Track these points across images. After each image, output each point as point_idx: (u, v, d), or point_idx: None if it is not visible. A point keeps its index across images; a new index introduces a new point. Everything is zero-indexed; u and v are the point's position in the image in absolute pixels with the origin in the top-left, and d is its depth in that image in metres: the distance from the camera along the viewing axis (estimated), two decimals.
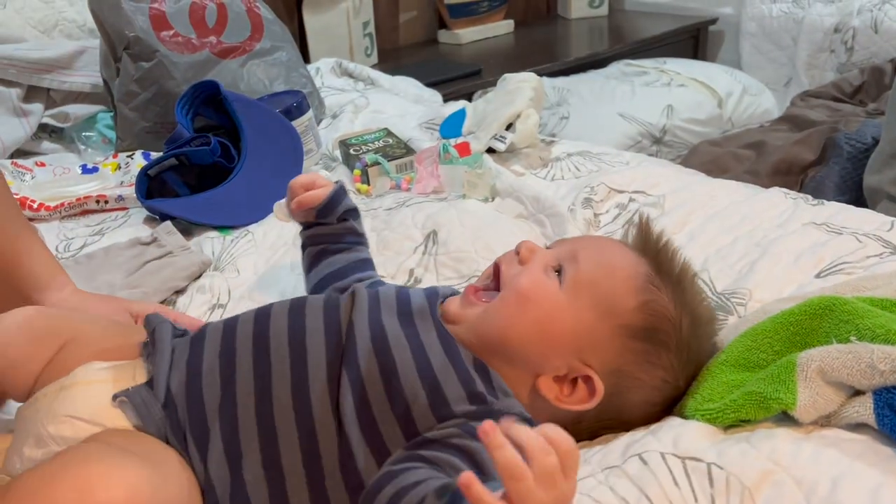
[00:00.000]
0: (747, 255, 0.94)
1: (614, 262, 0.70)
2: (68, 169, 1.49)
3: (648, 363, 0.67)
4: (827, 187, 1.69)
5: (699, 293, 0.73)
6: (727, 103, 2.38)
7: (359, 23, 2.54)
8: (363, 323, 0.67)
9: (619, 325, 0.67)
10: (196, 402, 0.65)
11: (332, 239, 0.90)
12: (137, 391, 0.66)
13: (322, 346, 0.66)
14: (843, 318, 0.68)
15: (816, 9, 2.54)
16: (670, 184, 1.17)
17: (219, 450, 0.63)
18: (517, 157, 1.38)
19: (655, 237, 0.74)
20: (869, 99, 2.11)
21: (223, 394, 0.65)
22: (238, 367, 0.66)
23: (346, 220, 0.90)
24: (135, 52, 1.53)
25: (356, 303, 0.70)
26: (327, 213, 0.89)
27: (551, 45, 2.88)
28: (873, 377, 0.61)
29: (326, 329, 0.67)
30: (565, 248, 0.73)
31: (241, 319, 0.71)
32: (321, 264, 0.88)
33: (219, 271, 1.10)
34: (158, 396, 0.66)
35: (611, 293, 0.68)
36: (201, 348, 0.68)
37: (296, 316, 0.69)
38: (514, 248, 0.73)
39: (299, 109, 1.44)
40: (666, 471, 0.60)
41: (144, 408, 0.65)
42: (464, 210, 1.13)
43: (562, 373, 0.66)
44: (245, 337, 0.68)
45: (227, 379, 0.65)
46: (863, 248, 0.91)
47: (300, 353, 0.65)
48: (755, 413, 0.63)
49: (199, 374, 0.66)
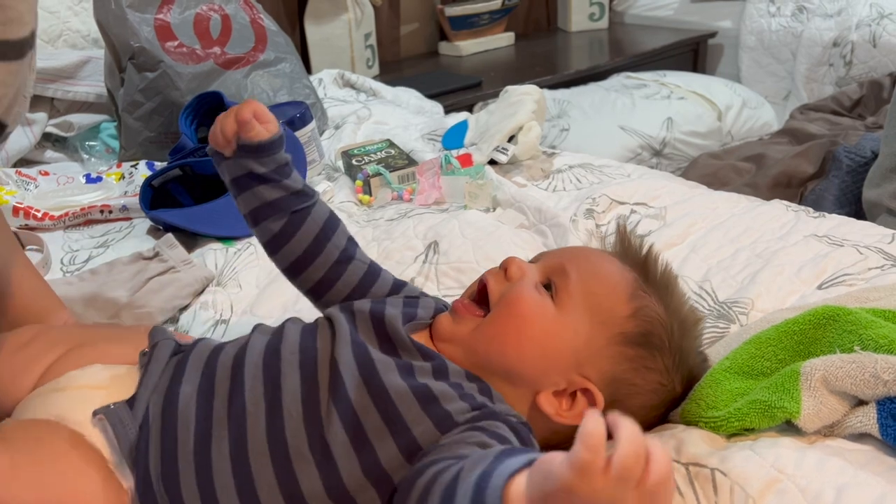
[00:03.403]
0: (749, 266, 0.95)
1: (603, 272, 0.71)
2: (72, 178, 1.50)
3: (644, 368, 0.67)
4: (826, 200, 1.70)
5: (683, 296, 0.74)
6: (727, 116, 2.40)
7: (360, 34, 2.55)
8: (347, 354, 0.66)
9: (615, 334, 0.67)
10: (169, 437, 0.63)
11: (287, 203, 0.78)
12: (117, 410, 0.65)
13: (298, 385, 0.64)
14: (847, 328, 0.68)
15: (815, 23, 2.56)
16: (672, 196, 1.18)
17: (192, 491, 0.61)
18: (519, 168, 1.39)
19: (637, 244, 0.75)
20: (868, 113, 2.13)
21: (196, 436, 0.63)
22: (214, 409, 0.64)
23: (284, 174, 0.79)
24: (139, 62, 1.54)
25: (337, 334, 0.68)
26: (271, 151, 0.77)
27: (552, 57, 2.90)
28: (877, 387, 0.62)
29: (302, 365, 0.66)
30: (551, 261, 0.73)
31: (224, 352, 0.69)
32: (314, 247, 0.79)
33: (221, 286, 1.10)
34: (137, 417, 0.65)
35: (604, 303, 0.68)
36: (181, 378, 0.67)
37: (272, 351, 0.68)
38: (499, 265, 0.73)
39: (302, 120, 1.44)
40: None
41: (121, 427, 0.64)
42: (465, 221, 1.13)
43: (561, 387, 0.66)
44: (224, 374, 0.66)
45: (202, 420, 0.64)
46: (864, 261, 0.91)
47: (275, 393, 0.64)
48: (759, 422, 0.64)
49: (175, 409, 0.65)
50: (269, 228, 0.78)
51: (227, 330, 1.00)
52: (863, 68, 2.42)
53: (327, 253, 0.78)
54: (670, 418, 0.71)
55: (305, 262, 0.78)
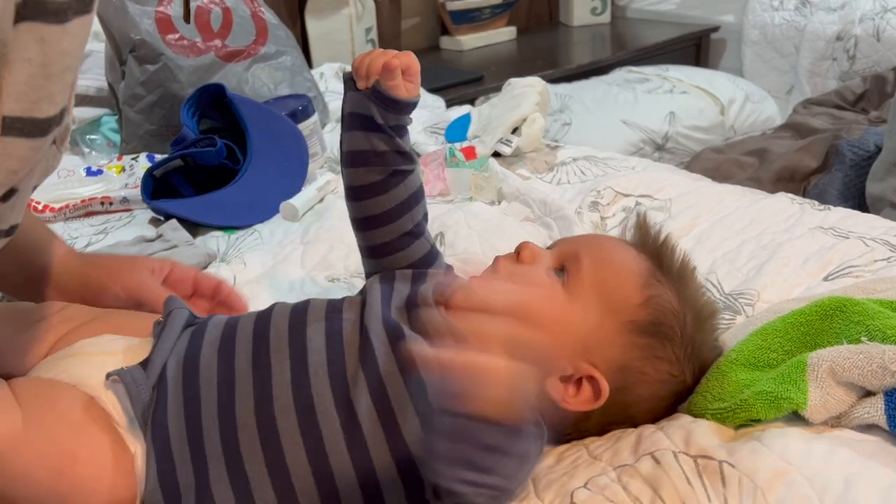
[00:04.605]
0: (755, 258, 0.94)
1: (617, 260, 0.70)
2: (73, 171, 1.49)
3: (654, 357, 0.67)
4: (830, 194, 1.69)
5: (700, 287, 0.73)
6: (729, 110, 2.39)
7: (361, 29, 2.55)
8: (377, 322, 0.67)
9: (625, 322, 0.67)
10: (192, 395, 0.64)
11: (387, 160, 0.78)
12: (130, 371, 0.65)
13: (323, 347, 0.65)
14: (854, 319, 0.68)
15: (819, 17, 2.55)
16: (677, 188, 1.17)
17: (216, 449, 0.62)
18: (523, 161, 1.38)
19: (654, 233, 0.74)
20: (871, 107, 2.12)
21: (219, 394, 0.64)
22: (237, 367, 0.65)
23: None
24: (140, 55, 1.53)
25: (368, 302, 0.70)
26: (400, 111, 0.77)
27: (553, 51, 2.89)
28: (884, 378, 0.61)
29: (329, 331, 0.67)
30: (566, 247, 0.73)
31: (243, 319, 0.70)
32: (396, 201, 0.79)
33: (225, 263, 1.10)
34: (151, 377, 0.65)
35: (615, 291, 0.68)
36: (200, 341, 0.68)
37: (297, 317, 0.69)
38: (514, 250, 0.73)
39: (304, 113, 1.44)
40: (679, 470, 0.60)
41: (135, 387, 0.64)
42: (470, 212, 1.13)
43: (567, 373, 0.66)
44: (245, 336, 0.67)
45: (225, 378, 0.64)
46: (870, 252, 0.91)
47: (301, 353, 0.65)
48: (766, 413, 0.63)
49: (197, 369, 0.65)
50: (363, 175, 0.78)
51: None
52: (866, 62, 2.41)
53: (402, 221, 0.79)
54: (679, 410, 0.70)
55: (380, 222, 0.79)
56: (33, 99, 0.48)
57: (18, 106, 0.47)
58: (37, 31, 0.46)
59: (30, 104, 0.48)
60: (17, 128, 0.48)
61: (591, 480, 0.62)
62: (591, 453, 0.66)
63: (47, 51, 0.47)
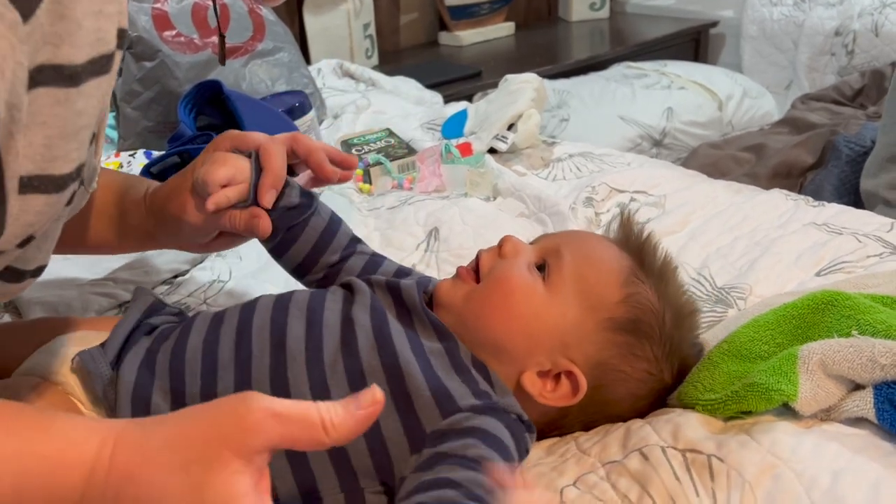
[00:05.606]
0: (748, 254, 0.95)
1: (598, 257, 0.70)
2: None
3: (632, 355, 0.67)
4: (825, 190, 1.69)
5: (681, 286, 0.73)
6: (727, 106, 2.39)
7: (359, 24, 2.55)
8: (364, 317, 0.67)
9: (604, 319, 0.67)
10: (177, 386, 0.65)
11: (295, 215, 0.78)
12: (90, 351, 0.67)
13: (303, 334, 0.66)
14: (845, 313, 0.68)
15: (817, 12, 2.55)
16: (671, 184, 1.18)
17: None
18: (518, 157, 1.38)
19: (637, 231, 0.74)
20: (869, 102, 2.12)
21: (203, 383, 0.65)
22: (220, 356, 0.66)
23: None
24: (137, 51, 1.53)
25: (356, 296, 0.70)
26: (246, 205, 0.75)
27: (552, 47, 2.89)
28: (874, 371, 0.62)
29: (309, 320, 0.67)
30: (548, 242, 0.73)
31: (229, 310, 0.71)
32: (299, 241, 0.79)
33: (221, 257, 1.11)
34: (109, 354, 0.67)
35: (595, 287, 0.68)
36: (188, 334, 0.69)
37: (280, 306, 0.69)
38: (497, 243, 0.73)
39: (301, 109, 1.44)
40: (667, 466, 0.61)
41: (93, 364, 0.66)
42: (465, 208, 1.14)
43: (545, 368, 0.66)
44: (230, 327, 0.68)
45: (209, 367, 0.66)
46: (863, 248, 0.91)
47: (280, 339, 0.66)
48: (757, 404, 0.64)
49: (183, 359, 0.67)
50: (271, 240, 0.79)
51: (224, 288, 1.01)
52: (865, 57, 2.41)
53: (327, 256, 0.79)
54: (668, 402, 0.70)
55: (309, 265, 0.80)
56: (48, 158, 0.49)
57: (34, 165, 0.48)
58: (52, 95, 0.46)
59: (45, 163, 0.49)
60: (34, 185, 0.49)
61: (580, 479, 0.62)
62: (579, 447, 0.66)
63: (62, 113, 0.48)
